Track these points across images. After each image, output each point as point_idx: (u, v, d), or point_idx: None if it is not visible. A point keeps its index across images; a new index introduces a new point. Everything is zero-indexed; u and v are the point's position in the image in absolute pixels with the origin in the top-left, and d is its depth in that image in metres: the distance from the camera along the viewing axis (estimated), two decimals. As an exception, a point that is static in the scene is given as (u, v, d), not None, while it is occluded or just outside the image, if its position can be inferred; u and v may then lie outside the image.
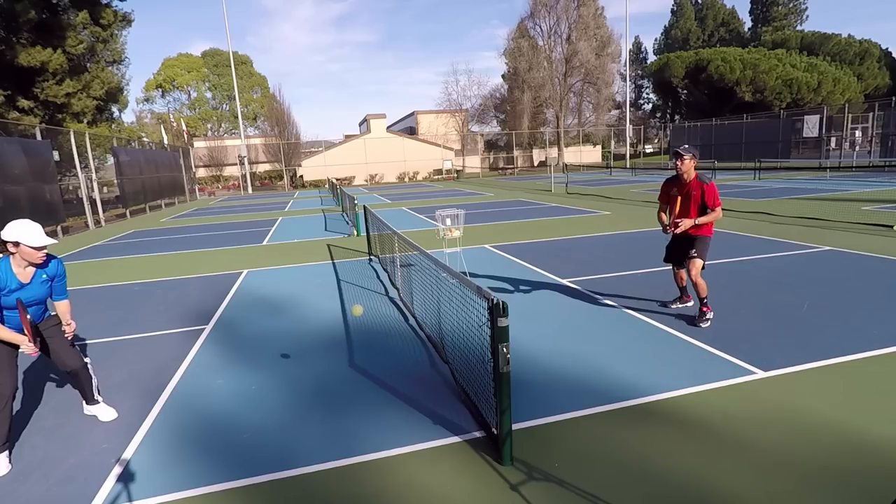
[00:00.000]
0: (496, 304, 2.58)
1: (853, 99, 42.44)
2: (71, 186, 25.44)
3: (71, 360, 3.41)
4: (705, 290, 4.66)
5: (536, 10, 44.71)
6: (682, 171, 4.63)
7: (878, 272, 6.19)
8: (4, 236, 3.02)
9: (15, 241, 3.00)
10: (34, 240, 3.02)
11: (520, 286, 6.50)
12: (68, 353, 3.42)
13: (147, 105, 57.30)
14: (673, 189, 4.80)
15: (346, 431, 3.25)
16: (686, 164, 4.60)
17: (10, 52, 19.69)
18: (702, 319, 4.68)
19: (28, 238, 3.00)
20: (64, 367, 3.42)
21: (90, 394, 3.55)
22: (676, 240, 4.89)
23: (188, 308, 6.34)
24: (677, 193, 4.71)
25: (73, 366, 3.42)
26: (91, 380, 3.53)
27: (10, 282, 3.08)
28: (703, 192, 4.55)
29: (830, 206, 12.25)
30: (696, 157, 4.62)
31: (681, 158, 4.61)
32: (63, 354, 3.40)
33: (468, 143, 44.48)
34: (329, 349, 4.67)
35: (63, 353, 3.40)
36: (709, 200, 4.54)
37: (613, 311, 5.28)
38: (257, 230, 13.88)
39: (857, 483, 2.51)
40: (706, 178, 4.61)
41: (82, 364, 3.48)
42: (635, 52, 68.06)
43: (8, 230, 3.02)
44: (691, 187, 4.61)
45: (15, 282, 3.10)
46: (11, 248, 3.04)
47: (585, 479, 2.65)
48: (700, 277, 4.61)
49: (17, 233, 3.01)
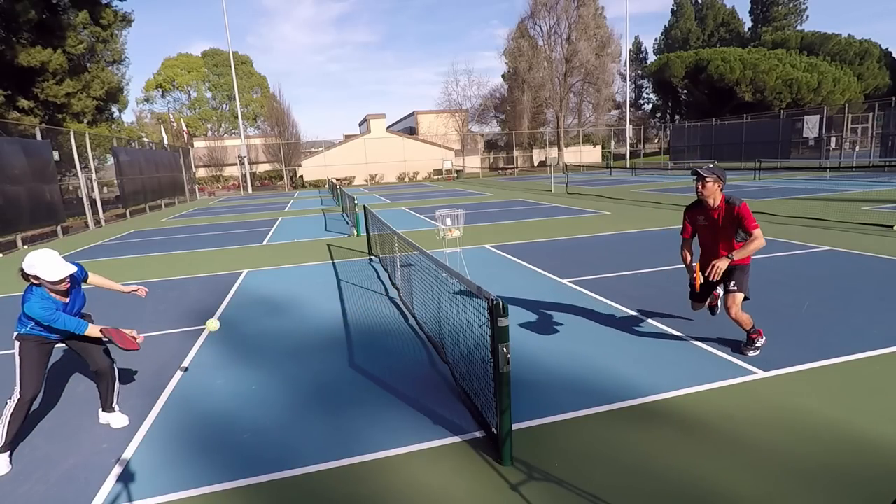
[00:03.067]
0: (496, 304, 2.58)
1: (853, 99, 42.45)
2: (71, 186, 25.42)
3: (103, 360, 3.47)
4: (750, 321, 3.95)
5: (536, 10, 44.72)
6: (704, 196, 3.87)
7: (878, 272, 6.19)
8: (26, 269, 3.05)
9: (34, 275, 3.04)
10: (51, 275, 3.02)
11: (520, 286, 6.50)
12: (102, 353, 3.48)
13: (147, 105, 57.36)
14: (699, 218, 4.02)
15: (346, 431, 3.25)
16: (709, 188, 3.82)
17: (10, 52, 19.69)
18: (751, 348, 3.99)
19: (46, 274, 3.02)
20: (95, 367, 3.46)
21: (111, 399, 3.53)
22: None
23: (188, 308, 6.34)
24: (705, 223, 3.98)
25: (104, 366, 3.46)
26: (115, 383, 3.54)
27: (56, 306, 3.14)
28: (736, 218, 3.78)
29: (830, 206, 12.25)
30: (721, 179, 3.83)
31: (702, 181, 3.82)
32: (97, 355, 3.45)
33: (468, 143, 44.47)
34: (329, 349, 4.67)
35: (97, 354, 3.45)
36: (747, 224, 3.73)
37: (614, 312, 5.28)
38: (257, 230, 13.88)
39: (857, 483, 2.51)
40: (736, 200, 3.81)
41: (110, 364, 3.51)
42: (635, 52, 68.06)
43: (27, 264, 3.04)
44: (721, 213, 3.87)
45: (58, 303, 3.16)
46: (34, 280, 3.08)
47: (585, 479, 2.65)
48: (742, 311, 3.90)
49: (36, 268, 3.03)
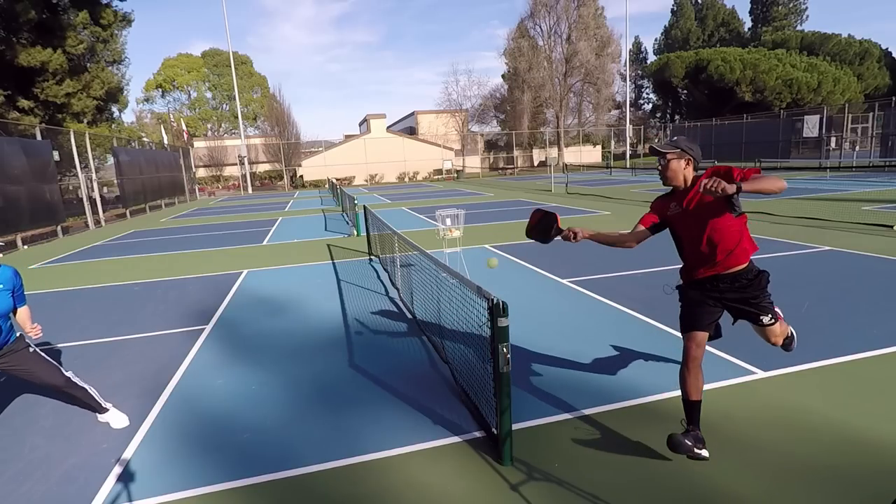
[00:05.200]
0: (496, 304, 2.58)
1: (853, 99, 42.45)
2: (71, 186, 25.42)
3: (50, 376, 3.19)
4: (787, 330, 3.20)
5: (536, 10, 44.72)
6: (668, 179, 2.81)
7: (878, 272, 6.19)
8: None
9: None
10: None
11: (520, 286, 6.50)
12: (45, 369, 3.19)
13: (147, 105, 57.31)
14: (671, 205, 2.86)
15: (347, 431, 3.25)
16: (673, 169, 2.77)
17: (10, 52, 19.69)
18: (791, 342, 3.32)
19: None
20: (46, 386, 3.23)
21: (95, 404, 3.39)
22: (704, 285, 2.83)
23: (188, 308, 6.34)
24: (678, 210, 2.82)
25: (55, 382, 3.21)
26: (85, 390, 3.32)
27: None
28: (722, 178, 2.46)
29: (830, 206, 12.25)
30: (688, 153, 2.74)
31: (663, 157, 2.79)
32: (41, 372, 3.17)
33: (468, 143, 44.47)
34: (329, 349, 4.67)
35: (40, 371, 3.17)
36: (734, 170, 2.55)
37: (613, 311, 5.28)
38: (257, 230, 13.87)
39: (857, 483, 2.51)
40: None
41: (65, 378, 3.24)
42: (635, 52, 68.05)
43: None
44: (696, 188, 2.68)
45: None
46: None
47: (585, 480, 2.65)
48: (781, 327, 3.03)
49: None
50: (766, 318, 2.85)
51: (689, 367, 2.72)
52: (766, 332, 2.97)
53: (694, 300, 2.85)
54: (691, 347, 2.75)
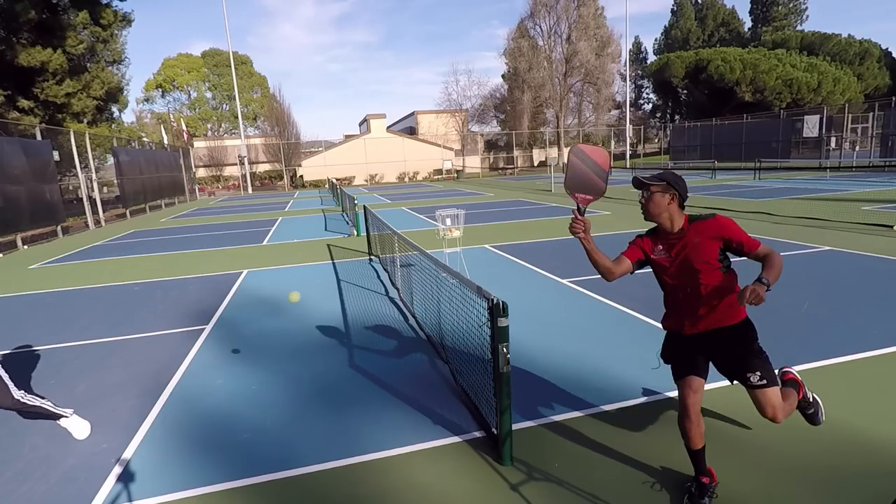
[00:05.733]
0: (496, 304, 2.58)
1: (853, 99, 42.47)
2: (71, 186, 25.45)
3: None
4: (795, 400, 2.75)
5: (536, 10, 44.73)
6: (651, 215, 2.53)
7: (878, 272, 6.19)
8: None
9: None
10: None
11: (520, 286, 6.50)
12: None
13: (147, 105, 57.36)
14: (657, 248, 2.58)
15: (346, 431, 3.25)
16: (657, 203, 2.48)
17: (10, 52, 19.70)
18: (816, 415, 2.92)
19: None
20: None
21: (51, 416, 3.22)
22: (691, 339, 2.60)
23: (188, 308, 6.34)
24: (664, 255, 2.55)
25: (3, 404, 3.03)
26: (39, 407, 3.14)
27: None
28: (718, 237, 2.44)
29: (830, 206, 12.24)
30: (674, 188, 2.45)
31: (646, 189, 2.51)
32: None
33: (468, 143, 44.48)
34: (329, 349, 4.67)
35: None
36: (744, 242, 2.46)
37: (613, 311, 5.28)
38: (257, 230, 13.88)
39: (857, 483, 2.51)
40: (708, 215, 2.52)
41: (13, 401, 3.04)
42: (635, 52, 68.06)
43: None
44: (689, 239, 2.46)
45: None
46: None
47: (585, 480, 2.65)
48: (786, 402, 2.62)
49: None
50: (753, 377, 2.46)
51: (690, 415, 2.42)
52: (758, 396, 2.48)
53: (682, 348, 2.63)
54: (688, 395, 2.45)
